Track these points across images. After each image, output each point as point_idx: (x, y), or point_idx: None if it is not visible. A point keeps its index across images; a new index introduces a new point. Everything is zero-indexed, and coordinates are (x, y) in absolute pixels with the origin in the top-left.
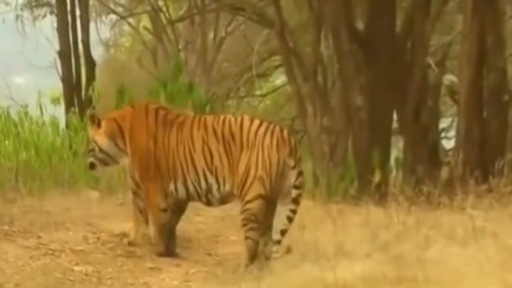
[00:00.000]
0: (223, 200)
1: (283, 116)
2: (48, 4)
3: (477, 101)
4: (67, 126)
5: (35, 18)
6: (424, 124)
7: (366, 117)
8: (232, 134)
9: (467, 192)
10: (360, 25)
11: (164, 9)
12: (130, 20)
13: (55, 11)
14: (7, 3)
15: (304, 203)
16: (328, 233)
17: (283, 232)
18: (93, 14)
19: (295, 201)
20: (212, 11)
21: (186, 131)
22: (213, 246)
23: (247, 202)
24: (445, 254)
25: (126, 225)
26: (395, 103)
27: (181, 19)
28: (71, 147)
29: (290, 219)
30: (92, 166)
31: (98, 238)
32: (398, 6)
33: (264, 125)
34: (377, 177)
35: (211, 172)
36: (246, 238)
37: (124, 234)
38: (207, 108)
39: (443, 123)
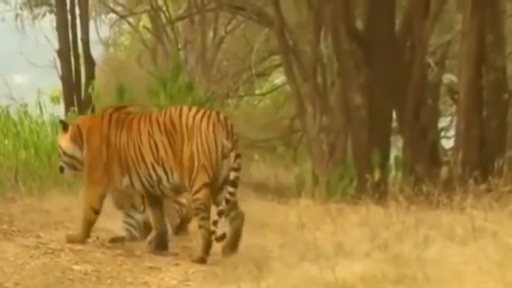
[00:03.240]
0: (177, 191)
1: (283, 115)
2: (48, 3)
3: (476, 100)
4: None
5: (34, 17)
6: (424, 123)
7: (365, 117)
8: (173, 124)
9: (466, 192)
10: (359, 24)
11: (164, 8)
12: (130, 19)
13: (54, 10)
14: (6, 2)
15: (304, 202)
16: (328, 232)
17: (220, 213)
18: (93, 13)
19: (233, 183)
20: (211, 10)
21: (135, 127)
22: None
23: (195, 192)
24: (445, 253)
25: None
26: (395, 102)
27: (180, 18)
28: None
29: (228, 201)
30: (61, 169)
31: (97, 237)
32: (398, 6)
33: (201, 111)
34: (376, 177)
35: (158, 164)
36: (200, 227)
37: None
38: (207, 107)
39: (443, 122)
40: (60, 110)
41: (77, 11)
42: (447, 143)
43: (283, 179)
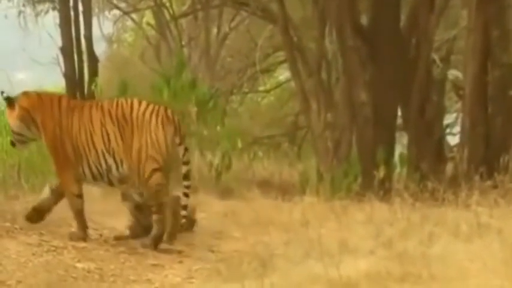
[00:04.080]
0: (123, 181)
1: (287, 111)
2: (51, 0)
3: (482, 96)
4: None
5: (37, 14)
6: (429, 120)
7: (370, 113)
8: (124, 116)
9: (472, 189)
10: (364, 20)
11: (167, 4)
12: (134, 15)
13: (57, 6)
14: None
15: (308, 199)
16: (332, 229)
17: (184, 207)
18: (96, 10)
19: (186, 177)
20: (215, 6)
21: (86, 115)
22: (216, 242)
23: (147, 180)
24: (450, 250)
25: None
26: (400, 99)
27: (184, 15)
28: None
29: (187, 195)
30: (12, 144)
31: (101, 235)
32: (403, 1)
33: (151, 106)
34: (381, 174)
35: (109, 153)
36: (160, 205)
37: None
38: (211, 104)
39: (448, 119)
40: None
41: (80, 8)
42: (452, 140)
43: (288, 176)
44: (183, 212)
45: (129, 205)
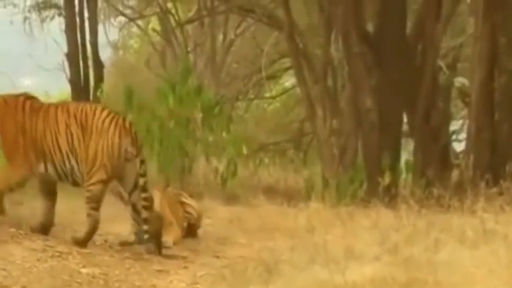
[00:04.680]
0: None
1: (293, 118)
2: (56, 6)
3: (488, 103)
4: None
5: (42, 20)
6: (435, 126)
7: (375, 119)
8: (87, 121)
9: (477, 195)
10: (370, 27)
11: (173, 11)
12: (139, 21)
13: (63, 12)
14: (15, 5)
15: (314, 205)
16: (338, 235)
17: (145, 221)
18: (102, 16)
19: (144, 189)
20: (221, 12)
21: (52, 116)
22: (221, 248)
23: (92, 184)
24: (456, 256)
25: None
26: (406, 105)
27: (190, 21)
28: None
29: (146, 208)
30: None
31: (106, 240)
32: (409, 8)
33: (111, 115)
34: (387, 180)
35: (72, 153)
36: (88, 215)
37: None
38: (216, 110)
39: (454, 125)
40: None
41: (86, 14)
42: (458, 146)
43: (293, 182)
44: (145, 227)
45: (130, 211)
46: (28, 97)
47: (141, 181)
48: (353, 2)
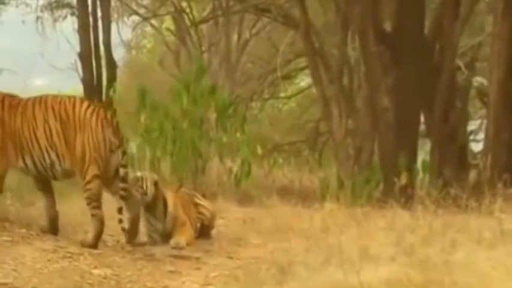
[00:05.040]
0: (67, 175)
1: (308, 118)
2: (69, 5)
3: (507, 103)
4: None
5: (55, 20)
6: (452, 126)
7: (392, 119)
8: (67, 114)
9: (495, 196)
10: (387, 26)
11: (188, 10)
12: (153, 21)
13: (76, 12)
14: (27, 5)
15: (328, 206)
16: (353, 236)
17: (119, 210)
18: (115, 15)
19: (123, 179)
20: (236, 12)
21: (30, 110)
22: (234, 249)
23: (88, 183)
24: (472, 257)
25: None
26: (423, 105)
27: (205, 20)
28: None
29: (123, 198)
30: None
31: (117, 241)
32: (427, 7)
33: (91, 107)
34: (403, 180)
35: (52, 148)
36: (93, 216)
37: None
38: (230, 110)
39: (472, 125)
40: None
41: (99, 13)
42: (476, 147)
43: (308, 182)
44: (119, 216)
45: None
46: (8, 94)
47: (122, 171)
48: (370, 0)
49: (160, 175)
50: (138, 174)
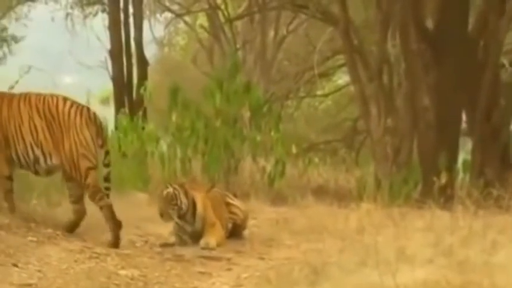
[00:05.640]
0: (50, 171)
1: (345, 116)
2: (100, 2)
3: None
4: (116, 127)
5: (85, 16)
6: (495, 125)
7: (432, 118)
8: (51, 114)
9: None
10: (429, 23)
11: (222, 6)
12: (186, 18)
13: (107, 8)
14: (57, 1)
15: (365, 206)
16: (389, 237)
17: (101, 208)
18: (147, 12)
19: (107, 179)
20: (273, 8)
21: (15, 106)
22: (266, 250)
23: (84, 179)
24: None
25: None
26: (465, 103)
27: (240, 17)
28: (119, 148)
29: (107, 196)
30: None
31: (146, 241)
32: (471, 4)
33: (74, 106)
34: (443, 180)
35: (37, 145)
36: (101, 208)
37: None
38: (265, 109)
39: None
40: (109, 112)
41: (131, 10)
42: None
43: (344, 182)
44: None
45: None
46: None
47: (106, 171)
48: None
49: (191, 175)
50: (170, 190)
